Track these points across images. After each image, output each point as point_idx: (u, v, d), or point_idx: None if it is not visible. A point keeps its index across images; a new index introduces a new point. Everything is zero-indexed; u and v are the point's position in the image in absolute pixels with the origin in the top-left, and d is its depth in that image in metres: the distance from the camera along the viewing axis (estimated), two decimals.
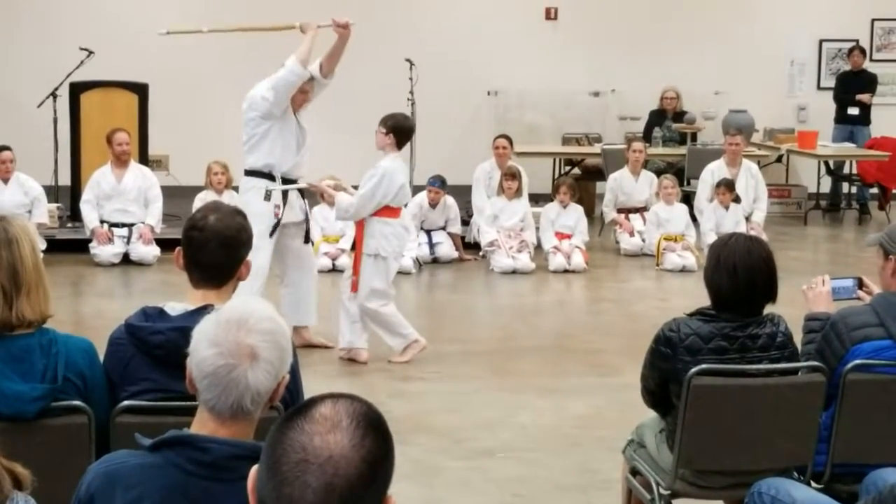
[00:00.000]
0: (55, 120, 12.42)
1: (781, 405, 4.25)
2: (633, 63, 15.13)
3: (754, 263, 4.25)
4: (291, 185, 7.99)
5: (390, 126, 7.70)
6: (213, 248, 3.62)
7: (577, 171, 14.51)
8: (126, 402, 3.55)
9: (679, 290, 10.51)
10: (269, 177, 7.89)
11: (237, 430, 2.46)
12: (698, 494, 4.49)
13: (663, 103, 14.67)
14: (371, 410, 1.92)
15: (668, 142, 14.44)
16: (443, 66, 14.23)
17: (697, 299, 4.66)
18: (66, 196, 12.22)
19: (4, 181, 11.20)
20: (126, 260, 11.19)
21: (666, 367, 4.30)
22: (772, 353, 4.28)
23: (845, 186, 15.14)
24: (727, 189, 11.92)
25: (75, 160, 12.15)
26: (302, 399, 2.94)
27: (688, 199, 12.82)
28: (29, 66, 13.89)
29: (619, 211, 12.49)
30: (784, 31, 15.61)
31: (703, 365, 4.19)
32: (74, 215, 11.98)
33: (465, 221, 12.09)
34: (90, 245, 11.24)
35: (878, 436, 4.34)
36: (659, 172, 13.01)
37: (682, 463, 4.33)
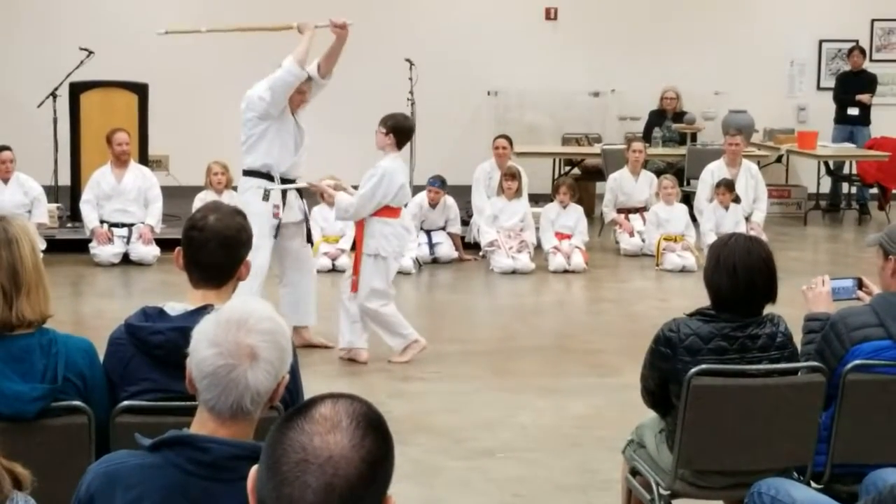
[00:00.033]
0: (55, 120, 12.42)
1: (781, 405, 4.25)
2: (633, 63, 15.13)
3: (754, 264, 4.25)
4: (290, 184, 8.00)
5: (390, 126, 7.70)
6: (213, 248, 3.62)
7: (576, 171, 14.51)
8: (126, 402, 3.55)
9: (679, 290, 10.51)
10: (267, 177, 7.89)
11: (237, 430, 2.46)
12: (698, 495, 4.49)
13: (663, 103, 14.67)
14: (371, 410, 1.92)
15: (667, 142, 14.43)
16: (443, 66, 14.22)
17: (697, 299, 4.66)
18: (66, 196, 12.22)
19: (4, 181, 11.20)
20: (126, 260, 11.19)
21: (666, 368, 4.30)
22: (771, 353, 4.28)
23: (845, 187, 15.13)
24: (727, 189, 11.91)
25: (75, 160, 12.15)
26: (302, 399, 2.94)
27: (687, 199, 12.81)
28: (29, 66, 13.89)
29: (619, 211, 12.49)
30: (784, 32, 15.60)
31: (703, 365, 4.19)
32: (74, 215, 11.98)
33: (465, 221, 12.08)
34: (90, 245, 11.24)
35: (877, 436, 4.34)
36: (659, 173, 13.01)
37: (682, 463, 4.33)
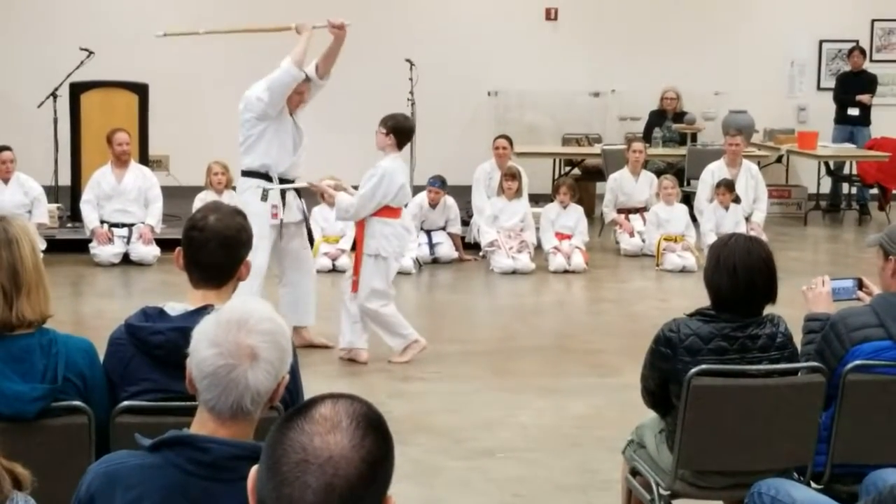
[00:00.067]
0: (55, 120, 12.42)
1: (781, 406, 4.25)
2: (633, 63, 15.13)
3: (754, 264, 4.25)
4: (290, 185, 8.00)
5: (390, 126, 7.70)
6: (213, 249, 3.62)
7: (577, 171, 14.51)
8: (126, 403, 3.55)
9: (679, 290, 10.51)
10: (265, 177, 7.89)
11: (237, 430, 2.46)
12: (698, 495, 4.49)
13: (663, 104, 14.67)
14: (371, 411, 1.92)
15: (668, 142, 14.44)
16: (443, 66, 14.22)
17: (697, 300, 4.66)
18: (66, 196, 12.22)
19: (4, 181, 11.20)
20: (126, 260, 11.19)
21: (666, 368, 4.30)
22: (772, 353, 4.27)
23: (845, 187, 15.13)
24: (727, 189, 11.91)
25: (75, 160, 12.15)
26: (302, 399, 2.94)
27: (688, 199, 12.81)
28: (29, 66, 13.89)
29: (619, 211, 12.49)
30: (784, 32, 15.60)
31: (703, 365, 4.19)
32: (74, 215, 11.98)
33: (465, 222, 12.08)
34: (90, 245, 11.24)
35: (877, 436, 4.34)
36: (659, 173, 13.01)
37: (682, 463, 4.33)
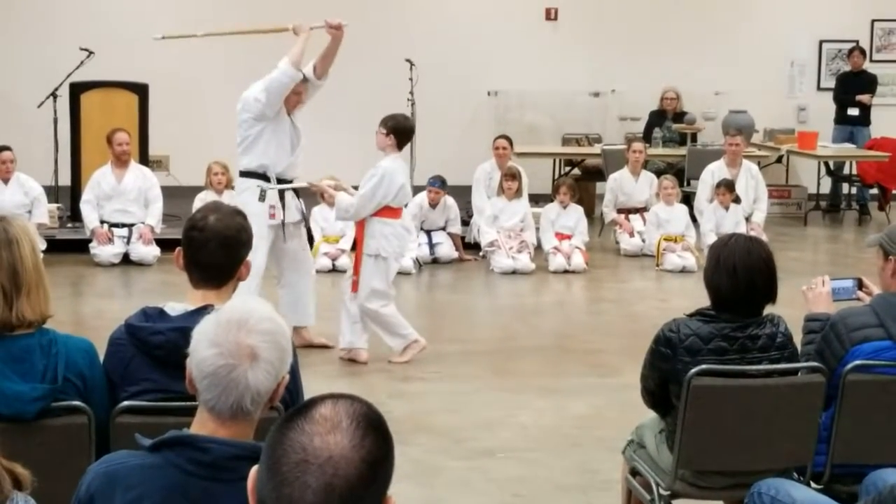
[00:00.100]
0: (55, 120, 12.42)
1: (781, 406, 4.25)
2: (633, 63, 15.13)
3: (754, 264, 4.25)
4: (289, 185, 8.00)
5: (391, 127, 7.70)
6: (213, 249, 3.62)
7: (577, 171, 14.51)
8: (126, 403, 3.55)
9: (679, 290, 10.51)
10: (263, 177, 7.90)
11: (237, 430, 2.46)
12: (698, 495, 4.49)
13: (663, 104, 14.67)
14: (371, 411, 1.92)
15: (668, 142, 14.44)
16: (443, 66, 14.22)
17: (697, 300, 4.67)
18: (67, 196, 12.22)
19: (4, 181, 11.20)
20: (126, 260, 11.18)
21: (666, 368, 4.30)
22: (772, 353, 4.27)
23: (845, 187, 15.13)
24: (727, 190, 11.91)
25: (75, 160, 12.15)
26: (302, 399, 2.94)
27: (688, 199, 12.81)
28: (29, 66, 13.89)
29: (619, 211, 12.49)
30: (784, 32, 15.60)
31: (703, 365, 4.19)
32: (74, 215, 11.98)
33: (466, 222, 12.08)
34: (90, 245, 11.24)
35: (877, 436, 4.34)
36: (659, 173, 13.00)
37: (682, 463, 4.33)
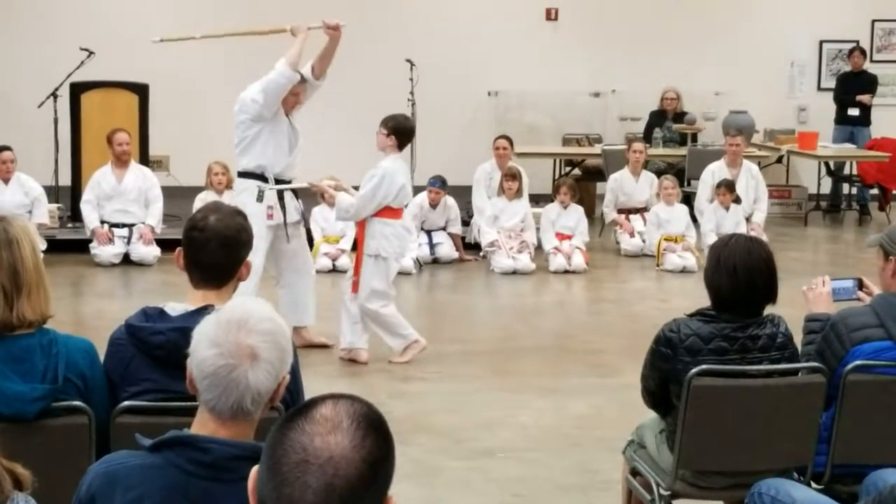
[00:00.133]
0: (56, 120, 12.42)
1: (782, 406, 4.25)
2: (634, 63, 15.12)
3: (754, 264, 4.25)
4: (289, 185, 8.00)
5: (391, 127, 7.69)
6: (214, 249, 3.62)
7: (577, 171, 14.51)
8: (126, 403, 3.55)
9: (679, 290, 10.51)
10: (261, 178, 7.90)
11: (237, 430, 2.46)
12: (698, 495, 4.49)
13: (664, 104, 14.67)
14: (371, 411, 1.92)
15: (668, 142, 14.44)
16: (443, 66, 14.22)
17: (698, 300, 4.66)
18: (67, 196, 12.22)
19: (5, 181, 11.19)
20: (126, 260, 11.18)
21: (666, 368, 4.30)
22: (772, 353, 4.27)
23: (845, 187, 15.13)
24: (727, 190, 11.91)
25: (76, 160, 12.15)
26: (302, 399, 2.94)
27: (688, 199, 12.81)
28: (29, 66, 13.89)
29: (620, 211, 12.49)
30: (784, 32, 15.60)
31: (704, 366, 4.19)
32: (75, 215, 11.98)
33: (466, 222, 12.08)
34: (90, 245, 11.24)
35: (878, 436, 4.34)
36: (659, 173, 13.00)
37: (683, 463, 4.33)
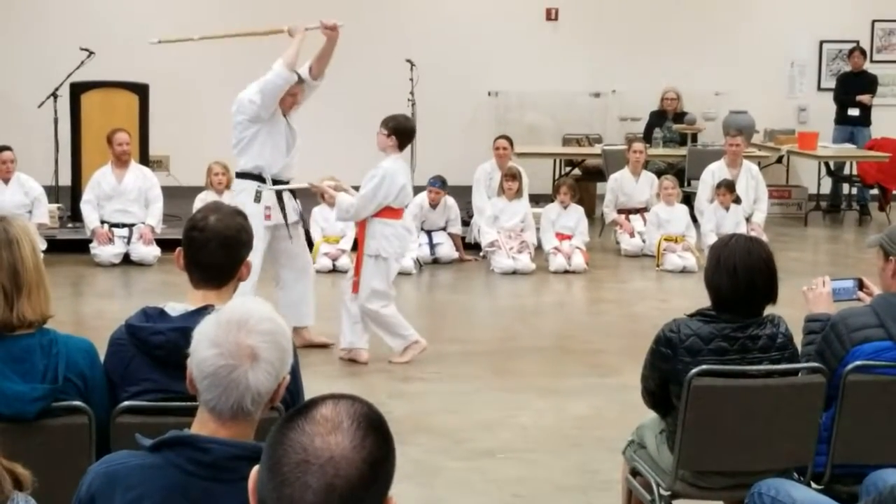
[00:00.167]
0: (56, 120, 12.42)
1: (782, 406, 4.25)
2: (634, 63, 15.12)
3: (754, 264, 4.25)
4: (289, 185, 8.00)
5: (392, 127, 7.69)
6: (214, 249, 3.62)
7: (577, 171, 14.51)
8: (126, 403, 3.55)
9: (679, 290, 10.51)
10: (259, 179, 7.91)
11: (238, 430, 2.46)
12: (698, 495, 4.49)
13: (664, 104, 14.67)
14: (372, 411, 1.92)
15: (668, 142, 14.44)
16: (443, 66, 14.22)
17: (698, 300, 4.66)
18: (67, 196, 12.22)
19: (5, 181, 11.19)
20: (126, 260, 11.19)
21: (666, 368, 4.30)
22: (772, 353, 4.27)
23: (846, 187, 15.13)
24: (727, 190, 11.91)
25: (76, 160, 12.15)
26: (302, 400, 2.94)
27: (688, 199, 12.81)
28: (29, 66, 13.89)
29: (620, 212, 12.49)
30: (784, 32, 15.60)
31: (704, 366, 4.19)
32: (75, 215, 11.98)
33: (466, 222, 12.08)
34: (90, 245, 11.24)
35: (878, 436, 4.34)
36: (659, 173, 13.00)
37: (683, 464, 4.33)
